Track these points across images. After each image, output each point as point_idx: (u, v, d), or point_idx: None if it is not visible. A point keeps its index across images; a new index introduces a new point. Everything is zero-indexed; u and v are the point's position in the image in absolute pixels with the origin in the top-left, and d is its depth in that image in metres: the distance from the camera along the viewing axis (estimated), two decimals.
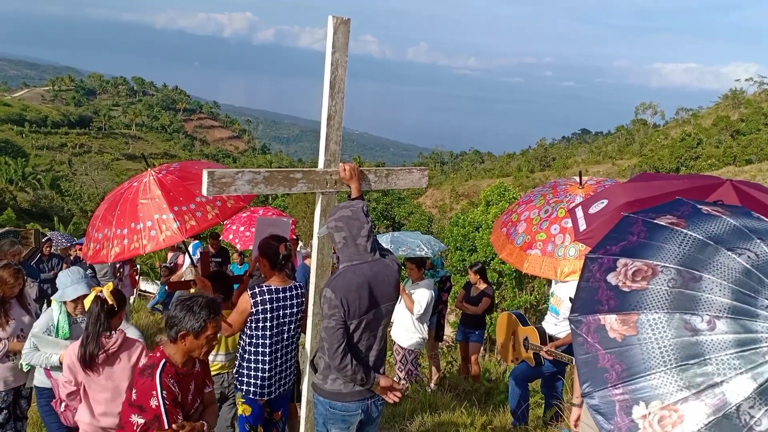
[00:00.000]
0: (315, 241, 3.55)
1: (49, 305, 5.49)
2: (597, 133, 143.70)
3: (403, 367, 6.84)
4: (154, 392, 2.81)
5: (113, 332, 3.61)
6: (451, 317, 15.07)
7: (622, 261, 1.72)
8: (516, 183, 58.61)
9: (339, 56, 3.38)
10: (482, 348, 8.10)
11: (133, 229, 3.87)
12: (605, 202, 3.65)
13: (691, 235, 1.72)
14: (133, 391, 2.91)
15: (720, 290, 1.56)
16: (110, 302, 3.59)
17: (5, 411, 4.62)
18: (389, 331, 5.85)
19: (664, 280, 1.62)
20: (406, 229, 35.56)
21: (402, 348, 6.81)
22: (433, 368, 7.82)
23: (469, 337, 7.78)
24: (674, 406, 1.44)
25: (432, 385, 7.44)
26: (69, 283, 4.05)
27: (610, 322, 1.60)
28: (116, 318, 3.66)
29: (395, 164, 70.78)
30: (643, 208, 2.17)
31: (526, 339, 5.53)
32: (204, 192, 3.04)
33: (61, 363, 3.93)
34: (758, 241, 1.68)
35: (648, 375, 1.49)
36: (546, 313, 5.65)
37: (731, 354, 1.45)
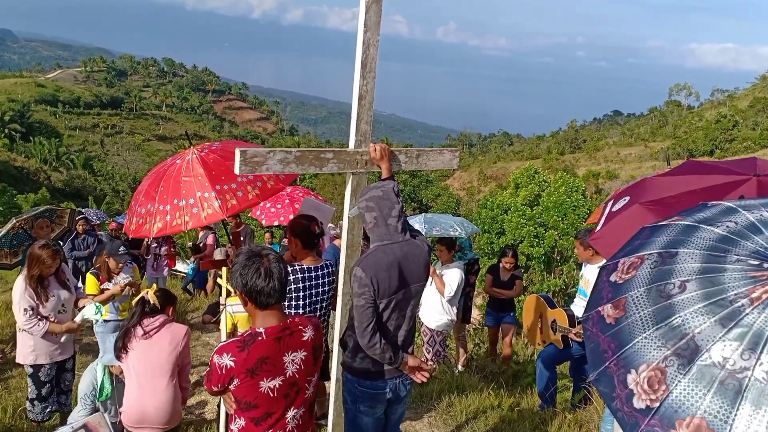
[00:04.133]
0: (345, 222, 3.56)
1: (83, 282, 5.61)
2: (629, 114, 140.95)
3: (430, 348, 6.86)
4: None
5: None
6: (478, 300, 15.05)
7: (621, 261, 1.88)
8: (545, 165, 57.65)
9: (371, 35, 3.35)
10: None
11: (176, 205, 3.91)
12: (626, 199, 3.54)
13: (681, 223, 1.86)
14: None
15: (692, 258, 1.69)
16: (152, 302, 3.80)
17: (48, 385, 4.75)
18: (417, 312, 5.87)
19: (648, 264, 1.77)
20: (434, 212, 35.48)
21: (430, 329, 6.82)
22: (461, 350, 7.84)
23: (503, 320, 7.81)
24: (657, 365, 1.54)
25: (459, 366, 7.46)
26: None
27: (606, 310, 1.76)
28: (162, 314, 3.85)
29: (423, 146, 70.28)
30: (663, 208, 2.28)
31: (554, 321, 5.50)
32: (236, 170, 3.05)
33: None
34: (743, 212, 1.79)
35: (632, 344, 1.61)
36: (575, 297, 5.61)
37: (700, 307, 1.56)
